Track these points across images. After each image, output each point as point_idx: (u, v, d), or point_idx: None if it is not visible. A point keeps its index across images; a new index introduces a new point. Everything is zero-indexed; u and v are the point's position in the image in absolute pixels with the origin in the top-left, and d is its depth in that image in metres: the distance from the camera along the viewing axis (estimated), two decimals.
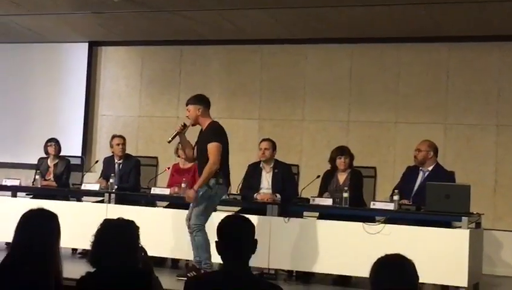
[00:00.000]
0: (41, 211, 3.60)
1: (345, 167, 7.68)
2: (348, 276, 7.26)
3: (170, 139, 7.07)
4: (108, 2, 9.02)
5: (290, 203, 7.51)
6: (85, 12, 9.70)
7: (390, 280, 2.85)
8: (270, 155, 7.86)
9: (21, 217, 3.55)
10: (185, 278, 6.55)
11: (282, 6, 8.78)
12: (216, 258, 3.99)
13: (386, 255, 2.94)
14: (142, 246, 3.48)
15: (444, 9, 8.47)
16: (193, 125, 7.05)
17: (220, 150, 6.80)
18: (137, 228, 3.46)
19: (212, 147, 6.78)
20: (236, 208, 7.49)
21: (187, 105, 7.02)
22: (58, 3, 9.32)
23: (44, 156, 9.04)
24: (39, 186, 8.53)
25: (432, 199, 6.85)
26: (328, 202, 7.33)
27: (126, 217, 3.51)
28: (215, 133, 6.88)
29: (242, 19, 9.49)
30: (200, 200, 6.78)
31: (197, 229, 6.74)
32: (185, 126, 6.99)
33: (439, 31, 9.32)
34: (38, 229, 3.50)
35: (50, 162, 8.98)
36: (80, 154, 10.37)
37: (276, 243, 7.23)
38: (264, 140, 7.99)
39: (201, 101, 7.00)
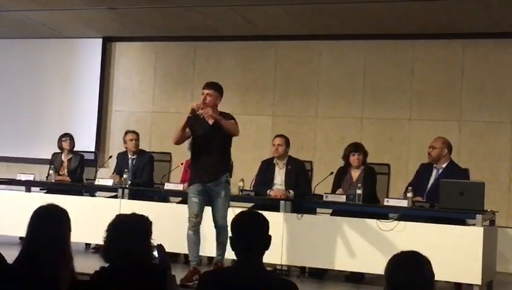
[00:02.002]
0: (51, 207, 3.61)
1: (359, 164, 7.66)
2: (361, 273, 7.26)
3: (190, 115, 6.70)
4: None
5: (303, 200, 7.50)
6: (99, 8, 9.71)
7: (406, 277, 2.83)
8: (283, 151, 7.84)
9: (32, 214, 3.56)
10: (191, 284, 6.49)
11: (296, 2, 8.76)
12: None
13: (402, 252, 2.92)
14: (160, 244, 3.49)
15: (458, 5, 8.42)
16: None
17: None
18: (151, 223, 3.46)
19: (235, 123, 6.74)
20: (250, 204, 7.48)
21: (209, 88, 6.74)
22: None
23: (58, 151, 9.06)
24: (53, 181, 8.56)
25: (445, 196, 6.81)
26: (342, 198, 7.30)
27: (139, 213, 3.51)
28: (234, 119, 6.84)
29: (256, 15, 9.48)
30: (225, 199, 6.72)
31: (227, 228, 6.62)
32: (193, 111, 6.66)
33: (454, 28, 9.27)
34: (49, 225, 3.50)
35: (64, 157, 9.00)
36: (93, 150, 10.39)
37: (289, 240, 7.22)
38: (277, 136, 7.98)
39: (221, 92, 6.83)
